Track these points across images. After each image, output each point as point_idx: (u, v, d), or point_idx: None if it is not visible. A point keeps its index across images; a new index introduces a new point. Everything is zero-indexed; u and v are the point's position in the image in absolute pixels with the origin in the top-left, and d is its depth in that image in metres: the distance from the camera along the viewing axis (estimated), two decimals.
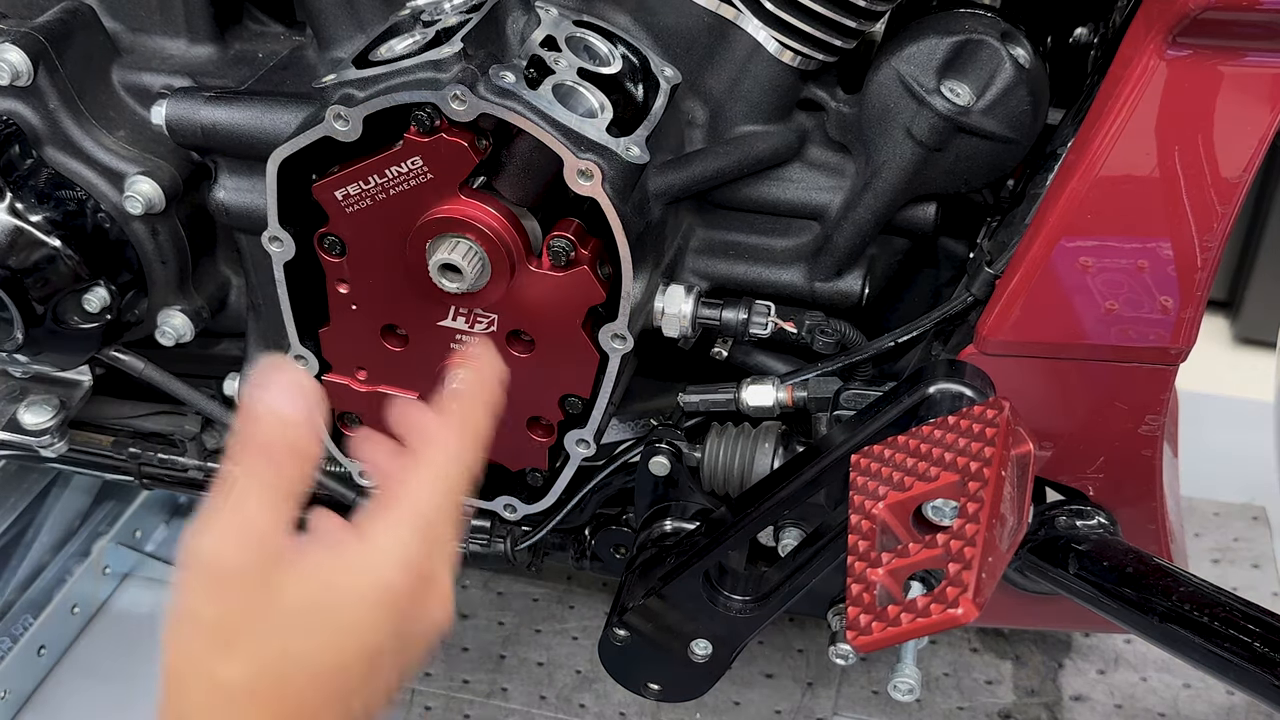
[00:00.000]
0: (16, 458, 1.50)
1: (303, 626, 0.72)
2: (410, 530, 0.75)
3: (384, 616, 0.74)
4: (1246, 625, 1.08)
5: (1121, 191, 1.04)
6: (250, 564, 0.72)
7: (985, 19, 1.12)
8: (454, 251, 1.07)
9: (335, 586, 0.73)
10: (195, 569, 0.73)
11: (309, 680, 0.72)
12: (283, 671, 0.72)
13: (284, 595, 0.72)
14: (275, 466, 0.73)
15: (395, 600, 0.74)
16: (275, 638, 0.72)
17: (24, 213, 1.20)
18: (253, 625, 0.72)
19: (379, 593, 0.73)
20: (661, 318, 1.19)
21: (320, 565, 0.74)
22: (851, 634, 0.88)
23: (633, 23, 1.18)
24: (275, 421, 0.74)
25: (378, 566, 0.74)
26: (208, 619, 0.73)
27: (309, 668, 0.72)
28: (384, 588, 0.74)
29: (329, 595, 0.73)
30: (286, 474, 0.73)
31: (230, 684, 0.72)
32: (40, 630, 1.69)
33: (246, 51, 1.30)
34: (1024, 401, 1.02)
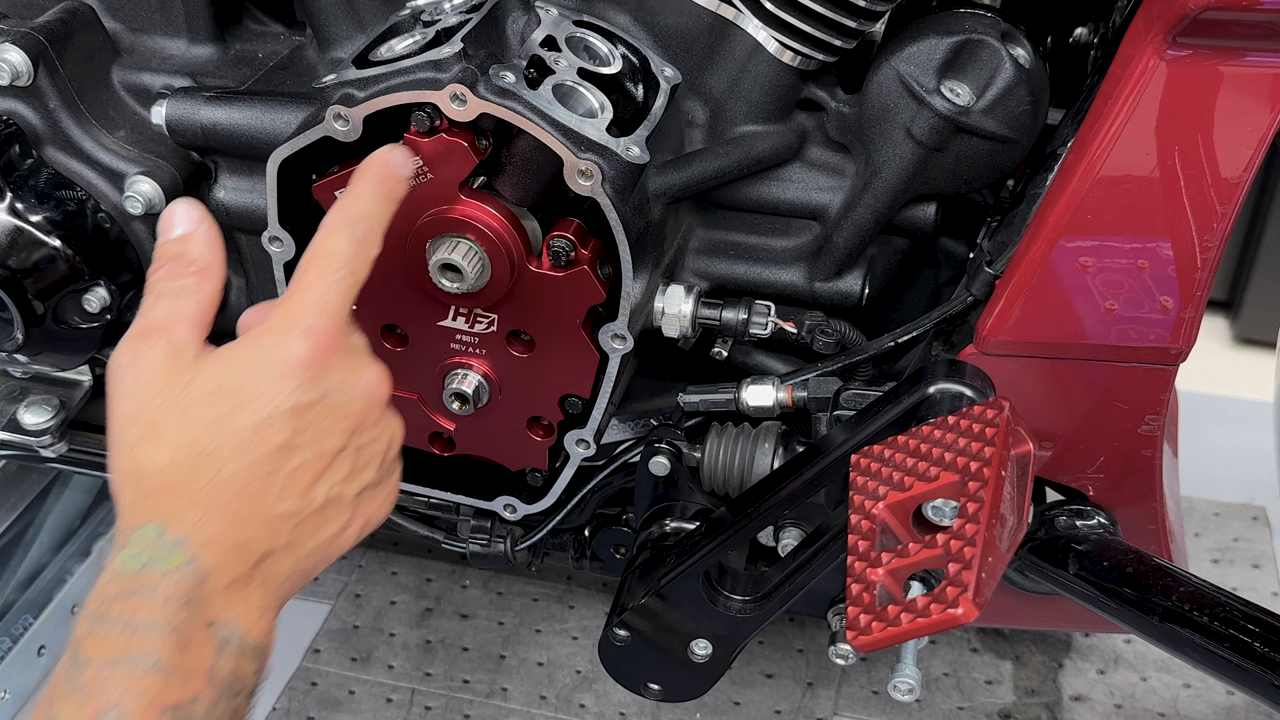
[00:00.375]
0: (16, 458, 1.50)
1: (216, 403, 0.80)
2: (308, 308, 0.83)
3: (294, 379, 0.81)
4: (1246, 625, 1.08)
5: (1121, 191, 1.04)
6: (162, 361, 0.81)
7: (985, 19, 1.12)
8: (454, 251, 1.07)
9: (241, 363, 0.82)
10: (117, 376, 0.82)
11: (232, 449, 0.79)
12: (204, 446, 0.79)
13: (197, 382, 0.81)
14: (175, 275, 0.85)
15: (303, 364, 0.82)
16: (192, 419, 0.80)
17: (24, 213, 1.20)
18: (171, 414, 0.80)
19: (284, 361, 0.81)
20: (661, 318, 1.19)
21: (227, 352, 0.83)
22: (851, 634, 0.88)
23: (633, 23, 1.18)
24: (170, 239, 0.86)
25: (280, 341, 0.82)
26: (132, 417, 0.81)
27: (228, 436, 0.79)
28: (287, 356, 0.82)
29: (237, 372, 0.81)
30: (185, 281, 0.85)
31: (158, 469, 0.79)
32: (40, 630, 1.69)
33: (246, 51, 1.30)
34: (1024, 401, 1.02)
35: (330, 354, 0.83)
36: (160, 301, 0.85)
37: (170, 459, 0.79)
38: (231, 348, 0.83)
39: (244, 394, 0.81)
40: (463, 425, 1.21)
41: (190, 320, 0.84)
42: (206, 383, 0.81)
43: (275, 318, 0.84)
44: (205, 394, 0.81)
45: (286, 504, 0.81)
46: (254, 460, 0.80)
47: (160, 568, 0.77)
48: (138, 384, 0.82)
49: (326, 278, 0.85)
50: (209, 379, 0.81)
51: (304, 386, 0.82)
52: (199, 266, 0.85)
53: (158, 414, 0.80)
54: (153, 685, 0.74)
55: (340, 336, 0.84)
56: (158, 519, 0.78)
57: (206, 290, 0.85)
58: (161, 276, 0.86)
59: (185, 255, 0.86)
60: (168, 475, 0.79)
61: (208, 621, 0.77)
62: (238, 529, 0.80)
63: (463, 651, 1.72)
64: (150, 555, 0.77)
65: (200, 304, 0.85)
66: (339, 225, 0.88)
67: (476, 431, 1.22)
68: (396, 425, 0.90)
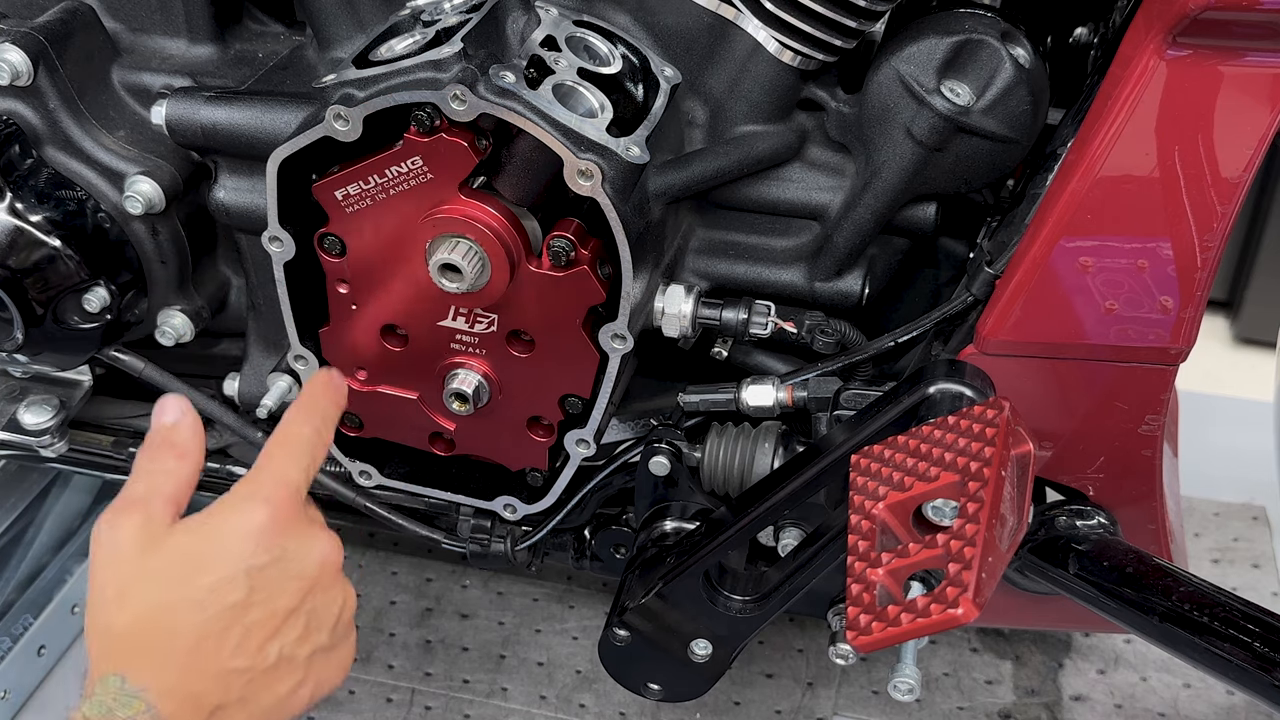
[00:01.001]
0: (16, 458, 1.50)
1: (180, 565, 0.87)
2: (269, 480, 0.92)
3: (252, 542, 0.88)
4: (1246, 625, 1.08)
5: (1121, 191, 1.04)
6: (136, 532, 0.88)
7: (985, 19, 1.12)
8: (454, 251, 1.07)
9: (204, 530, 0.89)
10: (96, 542, 0.90)
11: (190, 604, 0.86)
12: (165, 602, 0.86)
13: (164, 549, 0.88)
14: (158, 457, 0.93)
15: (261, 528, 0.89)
16: (157, 582, 0.87)
17: (24, 213, 1.20)
18: (138, 579, 0.87)
19: (243, 525, 0.89)
20: (661, 318, 1.19)
21: (194, 521, 0.90)
22: (851, 634, 0.88)
23: (633, 23, 1.18)
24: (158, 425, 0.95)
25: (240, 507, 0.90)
26: (104, 582, 0.88)
27: (188, 594, 0.86)
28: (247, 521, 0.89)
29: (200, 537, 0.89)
30: (167, 463, 0.93)
31: (123, 626, 0.86)
32: (40, 630, 1.69)
33: (246, 51, 1.30)
34: (1024, 401, 1.02)
35: (287, 522, 0.91)
36: (142, 479, 0.93)
37: (134, 616, 0.86)
38: (198, 517, 0.90)
39: (205, 556, 0.88)
40: (463, 425, 1.21)
41: (166, 497, 0.91)
42: (173, 549, 0.88)
43: (238, 487, 0.92)
44: (170, 559, 0.88)
45: (240, 659, 0.86)
46: (210, 616, 0.86)
47: (121, 714, 0.82)
48: (114, 551, 0.89)
49: (291, 457, 0.95)
50: (175, 545, 0.89)
51: (261, 549, 0.89)
52: (180, 451, 0.94)
53: (127, 579, 0.87)
54: None
55: (297, 507, 0.92)
56: (120, 670, 0.84)
57: (184, 472, 0.93)
58: (147, 458, 0.94)
59: (169, 440, 0.94)
60: (131, 631, 0.86)
61: None
62: (192, 680, 0.85)
63: (463, 651, 1.72)
64: (110, 704, 0.82)
65: (177, 484, 0.92)
66: (303, 416, 0.98)
67: (476, 431, 1.22)
68: (350, 593, 0.96)
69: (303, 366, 1.21)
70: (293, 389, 1.26)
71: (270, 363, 1.31)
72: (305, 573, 0.91)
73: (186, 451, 0.94)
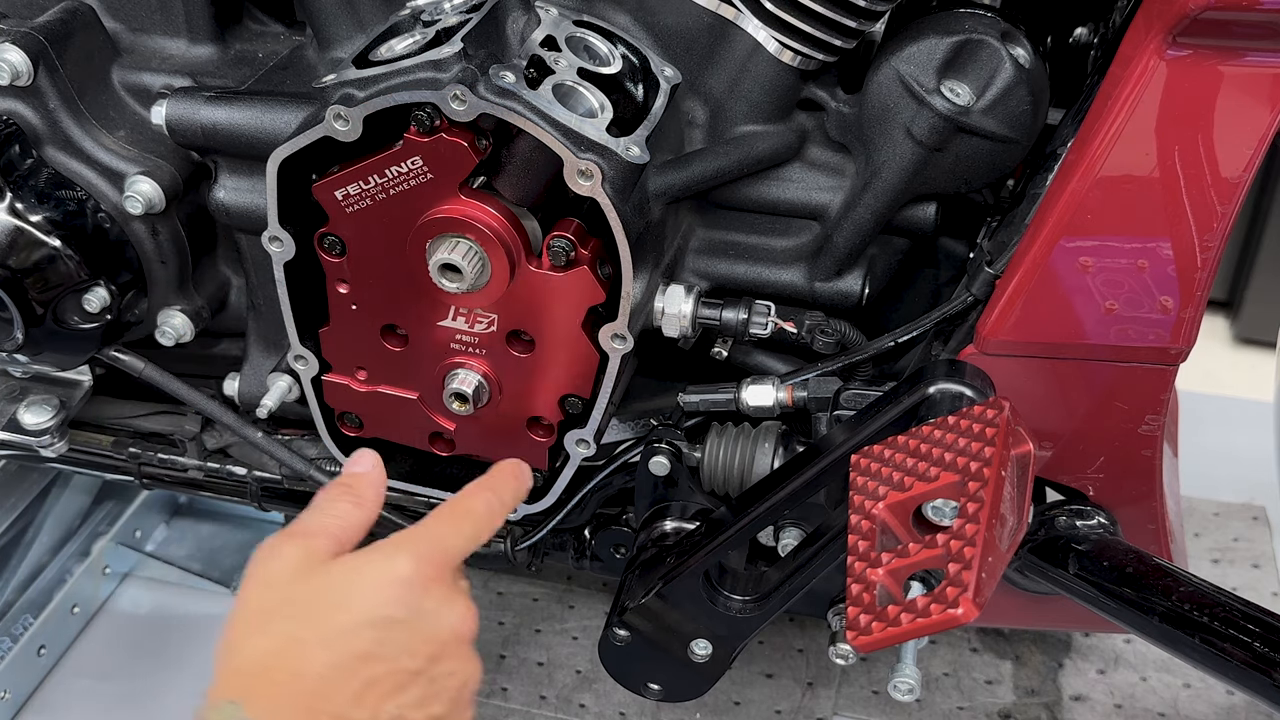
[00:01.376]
0: (16, 458, 1.50)
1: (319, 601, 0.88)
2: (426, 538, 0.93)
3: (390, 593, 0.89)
4: (1246, 625, 1.08)
5: (1121, 191, 1.04)
6: (294, 560, 0.90)
7: (985, 19, 1.12)
8: (454, 251, 1.07)
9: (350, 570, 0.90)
10: (255, 561, 0.92)
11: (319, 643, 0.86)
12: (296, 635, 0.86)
13: (312, 582, 0.89)
14: (337, 498, 0.96)
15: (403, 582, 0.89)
16: (295, 612, 0.88)
17: (24, 213, 1.20)
18: (279, 605, 0.88)
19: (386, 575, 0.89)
20: (661, 318, 1.19)
21: (345, 559, 0.91)
22: (851, 634, 0.88)
23: (633, 23, 1.18)
24: (348, 471, 1.00)
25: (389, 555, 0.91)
26: (249, 601, 0.90)
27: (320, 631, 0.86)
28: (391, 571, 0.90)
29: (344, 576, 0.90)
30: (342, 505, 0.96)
31: (250, 650, 0.87)
32: (40, 630, 1.69)
33: (246, 51, 1.30)
34: (1024, 401, 1.02)
35: (430, 582, 0.91)
36: (316, 513, 0.95)
37: (264, 644, 0.87)
38: (351, 556, 0.92)
39: (345, 597, 0.88)
40: (463, 425, 1.21)
41: (331, 535, 0.93)
42: (318, 582, 0.90)
43: (397, 535, 0.94)
44: (314, 591, 0.89)
45: (356, 711, 0.86)
46: (335, 660, 0.86)
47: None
48: (266, 574, 0.91)
49: (455, 524, 0.97)
50: (322, 578, 0.90)
51: (397, 602, 0.89)
52: (357, 499, 0.97)
53: (270, 602, 0.89)
54: None
55: (445, 571, 0.93)
56: (238, 697, 0.84)
57: (356, 518, 0.96)
58: (326, 495, 0.97)
59: (352, 487, 0.98)
60: (257, 657, 0.86)
61: None
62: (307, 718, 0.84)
63: None
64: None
65: (345, 526, 0.94)
66: (481, 492, 1.01)
67: (476, 431, 1.22)
68: (476, 669, 0.96)
69: (303, 366, 1.21)
70: (292, 388, 1.26)
71: (270, 363, 1.31)
72: (435, 637, 0.91)
73: (363, 501, 0.97)
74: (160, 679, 1.69)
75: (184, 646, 1.73)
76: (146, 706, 1.66)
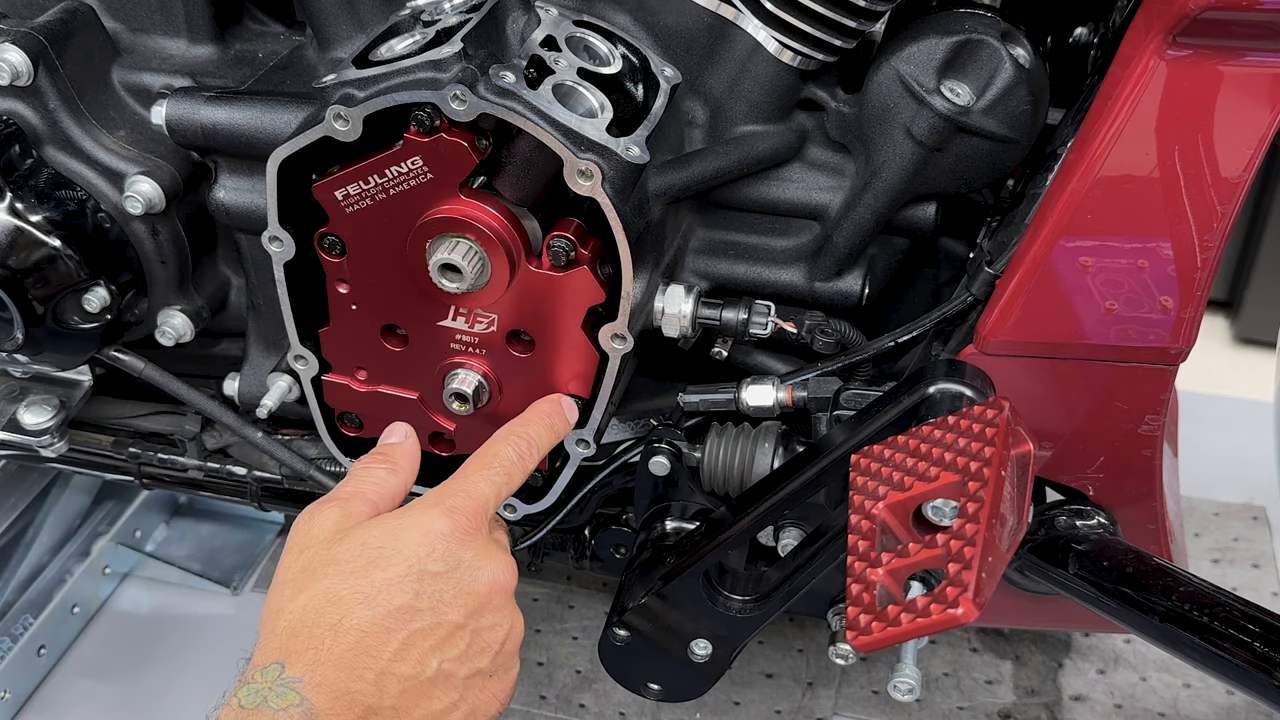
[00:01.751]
0: (16, 458, 1.50)
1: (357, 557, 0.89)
2: (460, 492, 0.95)
3: (428, 547, 0.90)
4: (1246, 625, 1.08)
5: (1121, 191, 1.04)
6: (332, 522, 0.92)
7: (985, 19, 1.12)
8: (454, 251, 1.07)
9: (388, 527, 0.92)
10: (296, 528, 0.94)
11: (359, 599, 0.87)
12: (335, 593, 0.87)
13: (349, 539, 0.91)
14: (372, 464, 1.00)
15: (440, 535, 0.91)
16: (333, 569, 0.89)
17: (24, 213, 1.20)
18: (319, 564, 0.90)
19: (423, 529, 0.91)
20: (661, 318, 1.19)
21: (383, 517, 0.94)
22: (851, 634, 0.88)
23: (633, 23, 1.18)
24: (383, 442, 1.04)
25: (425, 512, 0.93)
26: (290, 564, 0.91)
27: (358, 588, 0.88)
28: (427, 526, 0.92)
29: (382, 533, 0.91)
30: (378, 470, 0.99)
31: (291, 610, 0.88)
32: (40, 630, 1.69)
33: (246, 51, 1.30)
34: (1024, 401, 1.02)
35: (468, 533, 0.93)
36: (352, 480, 0.98)
37: (304, 602, 0.88)
38: (386, 515, 0.94)
39: (382, 552, 0.90)
40: (463, 425, 1.21)
41: (367, 499, 0.96)
42: (356, 539, 0.91)
43: (430, 493, 0.96)
44: (352, 549, 0.90)
45: (399, 665, 0.86)
46: (375, 615, 0.87)
47: (274, 704, 0.81)
48: (307, 537, 0.92)
49: (485, 472, 0.98)
50: (359, 536, 0.92)
51: (435, 556, 0.90)
52: (392, 466, 1.00)
53: (309, 563, 0.90)
54: None
55: (481, 522, 0.95)
56: (281, 658, 0.85)
57: (391, 483, 0.99)
58: (362, 464, 1.01)
59: (388, 455, 1.02)
60: (298, 616, 0.87)
61: None
62: (349, 678, 0.84)
63: None
64: (266, 693, 0.82)
65: (381, 491, 0.97)
66: (510, 437, 1.03)
67: (476, 431, 1.22)
68: (518, 622, 0.96)
69: (302, 366, 1.21)
70: (293, 388, 1.26)
71: (270, 363, 1.31)
72: (475, 590, 0.91)
73: (399, 468, 1.00)
74: (160, 679, 1.69)
75: (184, 646, 1.73)
76: (146, 706, 1.66)
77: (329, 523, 0.92)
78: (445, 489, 0.96)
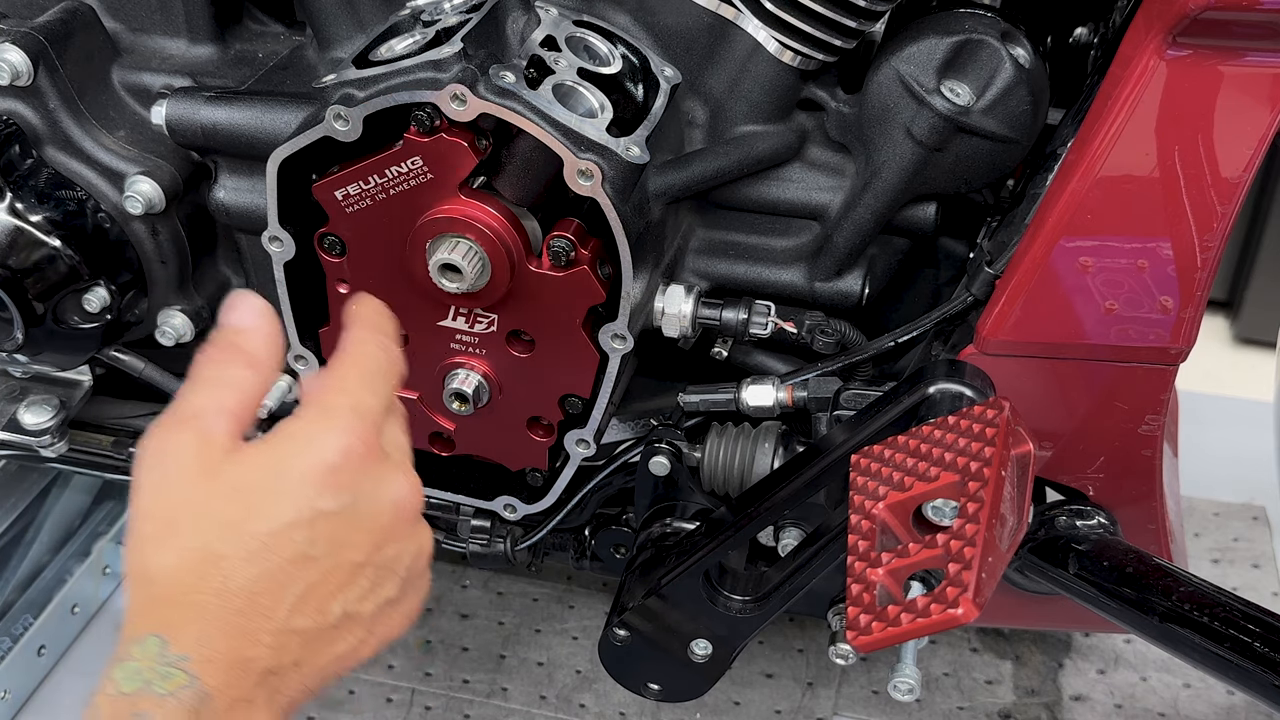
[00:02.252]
0: (16, 458, 1.50)
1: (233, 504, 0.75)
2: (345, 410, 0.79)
3: (318, 485, 0.76)
4: (1246, 625, 1.08)
5: (1121, 191, 1.04)
6: (189, 454, 0.76)
7: (985, 19, 1.12)
8: (454, 251, 1.07)
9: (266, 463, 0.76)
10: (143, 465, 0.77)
11: (243, 556, 0.74)
12: (215, 550, 0.74)
13: (220, 480, 0.75)
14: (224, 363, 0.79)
15: (331, 468, 0.76)
16: (207, 521, 0.74)
17: (24, 213, 1.20)
18: (187, 513, 0.75)
19: (310, 464, 0.76)
20: (661, 318, 1.19)
21: (256, 449, 0.77)
22: (851, 634, 0.88)
23: (633, 23, 1.18)
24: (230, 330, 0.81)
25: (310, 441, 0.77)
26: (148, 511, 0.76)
27: (241, 542, 0.74)
28: (315, 459, 0.76)
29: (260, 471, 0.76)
30: (234, 371, 0.79)
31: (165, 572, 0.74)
32: (40, 630, 1.69)
33: (246, 51, 1.30)
34: (1024, 401, 1.02)
35: (363, 460, 0.78)
36: (202, 388, 0.79)
37: (178, 562, 0.74)
38: (261, 444, 0.78)
39: (264, 496, 0.75)
40: (463, 425, 1.21)
41: (229, 413, 0.78)
42: (228, 481, 0.76)
43: (309, 416, 0.79)
44: (224, 493, 0.76)
45: (297, 620, 0.76)
46: (265, 570, 0.74)
47: (159, 689, 0.71)
48: (162, 477, 0.77)
49: (365, 381, 0.82)
50: (232, 477, 0.76)
51: (327, 493, 0.76)
52: (250, 358, 0.81)
53: (175, 511, 0.76)
54: None
55: (375, 442, 0.80)
56: (160, 630, 0.73)
57: (253, 384, 0.80)
58: (209, 361, 0.81)
59: (238, 345, 0.81)
60: (174, 580, 0.74)
61: None
62: (242, 645, 0.74)
63: (463, 651, 1.72)
64: (149, 675, 0.71)
65: (243, 398, 0.79)
66: (367, 335, 0.85)
67: (476, 431, 1.22)
68: (425, 538, 0.84)
69: (303, 366, 1.21)
70: (292, 388, 1.26)
71: None
72: (377, 523, 0.79)
73: (257, 360, 0.81)
74: None
75: None
76: None
77: (187, 455, 0.76)
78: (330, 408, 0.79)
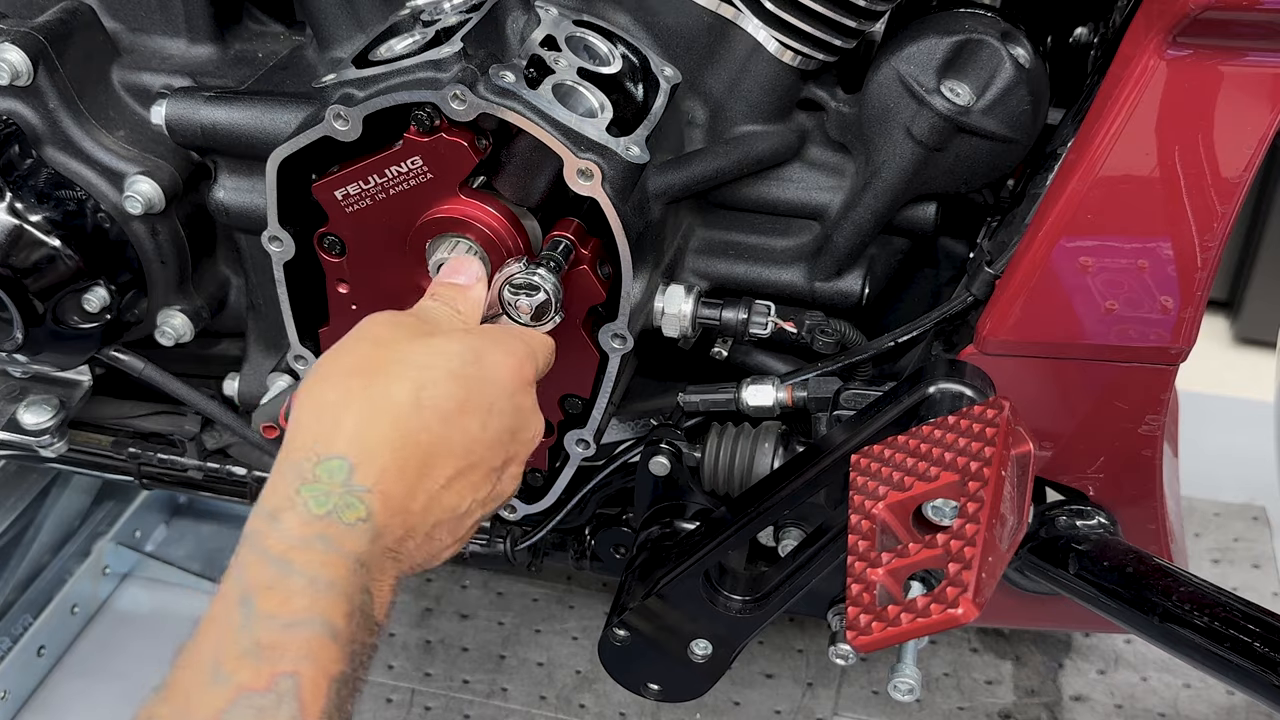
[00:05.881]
0: (16, 458, 1.50)
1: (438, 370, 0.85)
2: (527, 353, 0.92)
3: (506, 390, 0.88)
4: (1246, 625, 1.08)
5: (1121, 191, 1.04)
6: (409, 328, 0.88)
7: (985, 19, 1.12)
8: (454, 251, 1.07)
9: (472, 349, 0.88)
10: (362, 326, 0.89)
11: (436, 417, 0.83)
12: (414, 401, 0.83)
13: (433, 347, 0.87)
14: (439, 307, 0.95)
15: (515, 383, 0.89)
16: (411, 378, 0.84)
17: (24, 213, 1.20)
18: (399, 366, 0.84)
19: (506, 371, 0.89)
20: (661, 318, 1.19)
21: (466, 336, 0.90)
22: (851, 634, 0.88)
23: (633, 22, 1.18)
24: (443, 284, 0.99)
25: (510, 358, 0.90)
26: (359, 353, 0.86)
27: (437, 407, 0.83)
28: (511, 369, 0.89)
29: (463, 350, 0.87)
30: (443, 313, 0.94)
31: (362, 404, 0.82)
32: (40, 630, 1.69)
33: (246, 51, 1.30)
34: (1024, 401, 1.02)
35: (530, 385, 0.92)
36: (419, 309, 0.94)
37: (380, 397, 0.82)
38: (472, 333, 0.91)
39: (469, 370, 0.86)
40: None
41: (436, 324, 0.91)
42: (438, 347, 0.87)
43: (491, 335, 0.92)
44: (432, 353, 0.86)
45: (446, 495, 0.83)
46: (448, 436, 0.82)
47: (344, 518, 0.77)
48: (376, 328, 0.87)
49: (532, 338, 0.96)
50: (442, 345, 0.87)
51: (508, 399, 0.88)
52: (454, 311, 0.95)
53: (384, 355, 0.85)
54: (327, 654, 0.73)
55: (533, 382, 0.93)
56: (349, 455, 0.79)
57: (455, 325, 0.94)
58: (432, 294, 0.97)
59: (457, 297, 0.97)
60: (371, 408, 0.81)
61: (364, 587, 0.77)
62: (407, 496, 0.80)
63: (463, 651, 1.72)
64: (336, 502, 0.77)
65: (469, 302, 0.96)
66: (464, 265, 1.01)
67: None
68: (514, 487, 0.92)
69: (303, 366, 1.21)
70: (293, 388, 1.26)
71: (270, 363, 1.31)
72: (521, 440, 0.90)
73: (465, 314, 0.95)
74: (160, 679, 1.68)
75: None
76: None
77: (405, 325, 0.87)
78: (508, 337, 0.92)
